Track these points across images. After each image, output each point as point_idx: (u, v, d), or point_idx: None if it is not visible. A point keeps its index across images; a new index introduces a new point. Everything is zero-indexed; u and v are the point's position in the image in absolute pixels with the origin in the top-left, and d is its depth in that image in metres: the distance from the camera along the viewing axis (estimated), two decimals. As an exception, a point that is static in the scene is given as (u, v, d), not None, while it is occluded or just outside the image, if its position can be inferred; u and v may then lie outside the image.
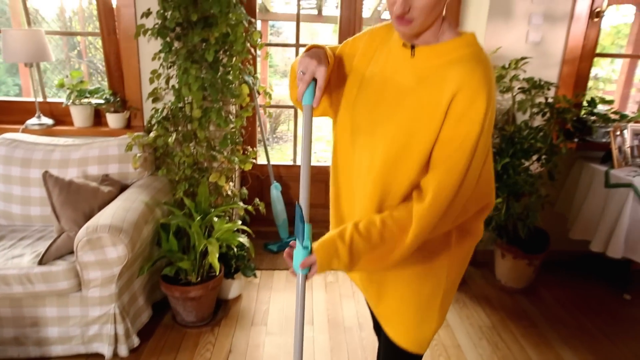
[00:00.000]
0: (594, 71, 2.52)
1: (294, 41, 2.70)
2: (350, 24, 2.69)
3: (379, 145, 0.93)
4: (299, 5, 2.63)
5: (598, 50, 2.43)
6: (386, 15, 6.66)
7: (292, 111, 3.88)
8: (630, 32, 3.75)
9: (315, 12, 7.25)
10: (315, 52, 0.96)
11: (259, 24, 7.28)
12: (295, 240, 0.91)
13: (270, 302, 2.28)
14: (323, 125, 7.09)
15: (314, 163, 3.42)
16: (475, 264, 2.69)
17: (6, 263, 1.76)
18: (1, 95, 5.69)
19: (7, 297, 1.76)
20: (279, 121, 7.52)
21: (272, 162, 2.73)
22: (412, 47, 0.92)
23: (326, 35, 8.57)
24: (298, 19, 2.70)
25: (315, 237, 0.91)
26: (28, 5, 2.45)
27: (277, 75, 9.62)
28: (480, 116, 0.84)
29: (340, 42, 2.61)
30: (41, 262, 1.75)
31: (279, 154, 6.15)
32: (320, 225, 1.28)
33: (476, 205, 0.97)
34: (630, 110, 3.17)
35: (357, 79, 1.02)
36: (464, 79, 0.84)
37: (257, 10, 2.58)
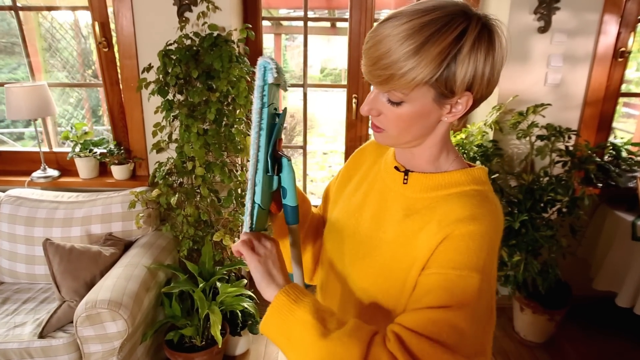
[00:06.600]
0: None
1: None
2: (360, 36, 2.45)
3: (354, 288, 0.80)
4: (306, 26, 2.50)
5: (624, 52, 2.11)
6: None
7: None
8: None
9: (329, 24, 7.17)
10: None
11: (270, 40, 7.33)
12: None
13: None
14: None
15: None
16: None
17: (7, 334, 1.74)
18: (9, 137, 5.78)
19: (8, 370, 1.74)
20: (294, 133, 7.46)
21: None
22: (406, 172, 0.77)
23: (341, 48, 8.42)
24: (305, 37, 2.61)
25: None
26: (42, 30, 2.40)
27: (293, 79, 9.51)
28: (473, 266, 0.65)
29: (350, 53, 2.45)
30: (42, 335, 1.72)
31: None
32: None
33: None
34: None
35: (335, 202, 0.92)
36: (464, 215, 0.68)
37: (270, 24, 2.36)
